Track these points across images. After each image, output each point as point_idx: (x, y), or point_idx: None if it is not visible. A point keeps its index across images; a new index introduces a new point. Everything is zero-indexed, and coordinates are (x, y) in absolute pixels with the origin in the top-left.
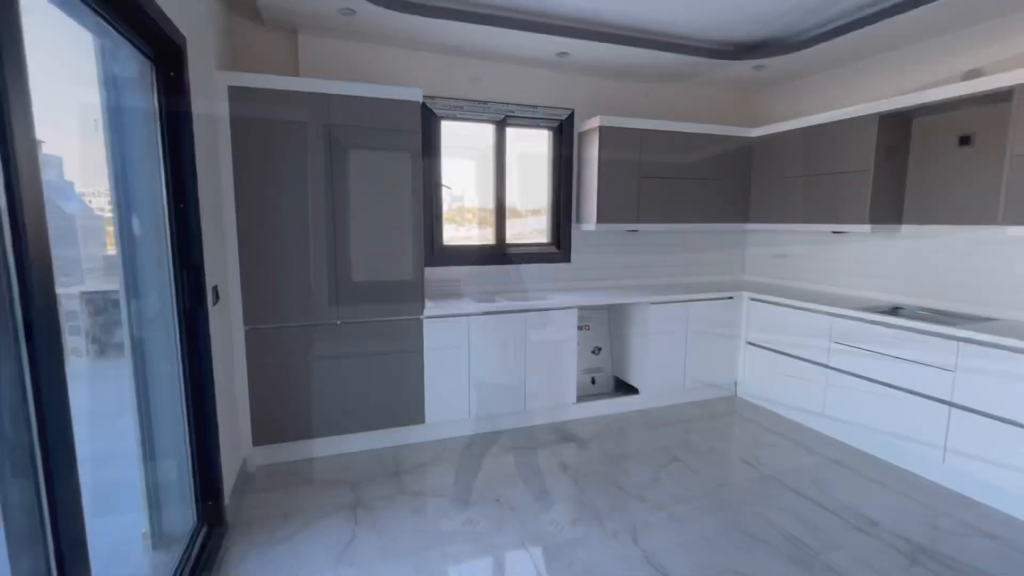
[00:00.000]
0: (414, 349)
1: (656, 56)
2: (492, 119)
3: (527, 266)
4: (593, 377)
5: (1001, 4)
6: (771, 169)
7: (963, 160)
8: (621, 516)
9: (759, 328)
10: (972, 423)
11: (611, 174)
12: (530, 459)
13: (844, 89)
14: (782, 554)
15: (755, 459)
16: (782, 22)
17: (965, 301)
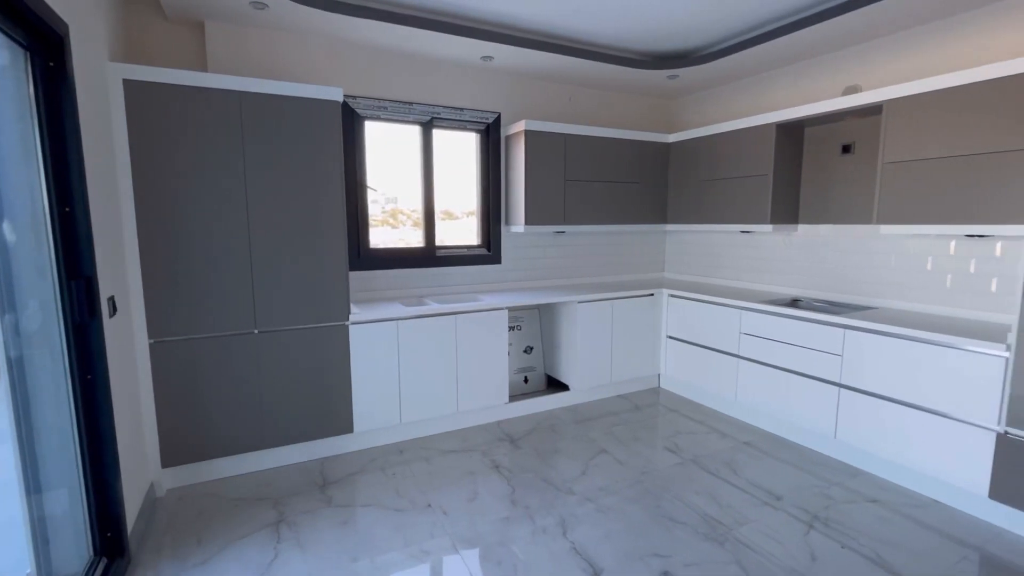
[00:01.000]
0: (340, 356)
1: (577, 63)
2: (418, 121)
3: (458, 268)
4: (526, 376)
5: (874, 29)
6: (686, 173)
7: (846, 166)
8: (551, 511)
9: (678, 323)
10: (857, 401)
11: (537, 177)
12: (463, 461)
13: (747, 99)
14: (699, 533)
15: (676, 446)
16: (690, 36)
17: (852, 292)
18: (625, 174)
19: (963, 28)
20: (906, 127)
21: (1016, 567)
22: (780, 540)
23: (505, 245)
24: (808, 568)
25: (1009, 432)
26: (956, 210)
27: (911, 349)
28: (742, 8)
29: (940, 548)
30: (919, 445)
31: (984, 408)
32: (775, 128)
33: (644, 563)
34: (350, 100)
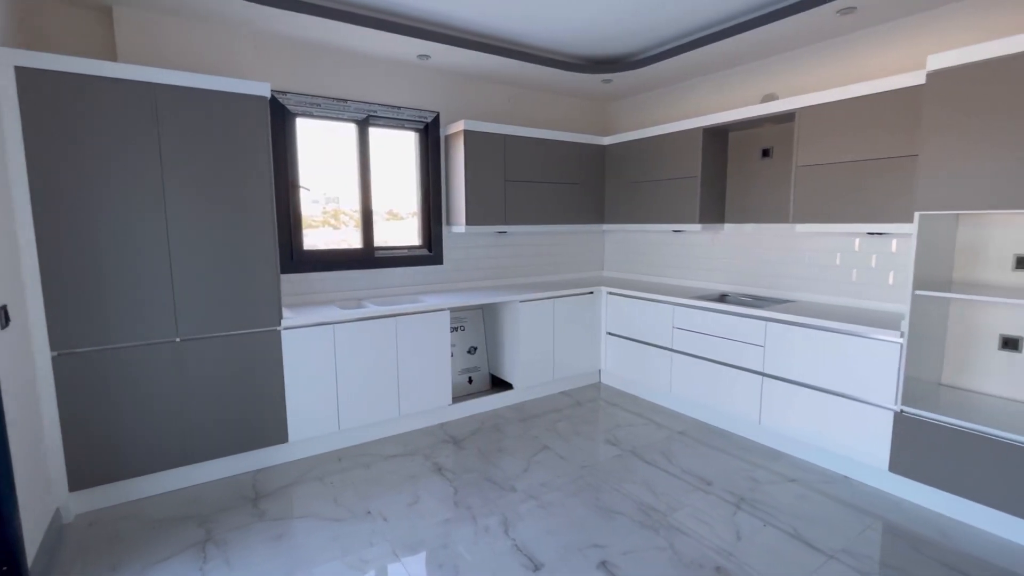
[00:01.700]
0: (272, 363)
1: (515, 65)
2: (353, 118)
3: (398, 269)
4: (470, 376)
5: (788, 42)
6: (621, 174)
7: (765, 169)
8: (493, 510)
9: (616, 319)
10: (778, 389)
11: (477, 177)
12: (404, 466)
13: (678, 105)
14: (635, 522)
15: (615, 439)
16: (622, 42)
17: (774, 287)
18: (564, 175)
19: (863, 44)
20: (815, 133)
21: (912, 532)
22: (710, 522)
23: (447, 245)
24: (734, 546)
25: (904, 410)
26: (858, 210)
27: (822, 338)
28: (668, 18)
29: (848, 519)
30: (831, 426)
31: (883, 389)
32: (702, 132)
33: (583, 555)
34: (279, 96)
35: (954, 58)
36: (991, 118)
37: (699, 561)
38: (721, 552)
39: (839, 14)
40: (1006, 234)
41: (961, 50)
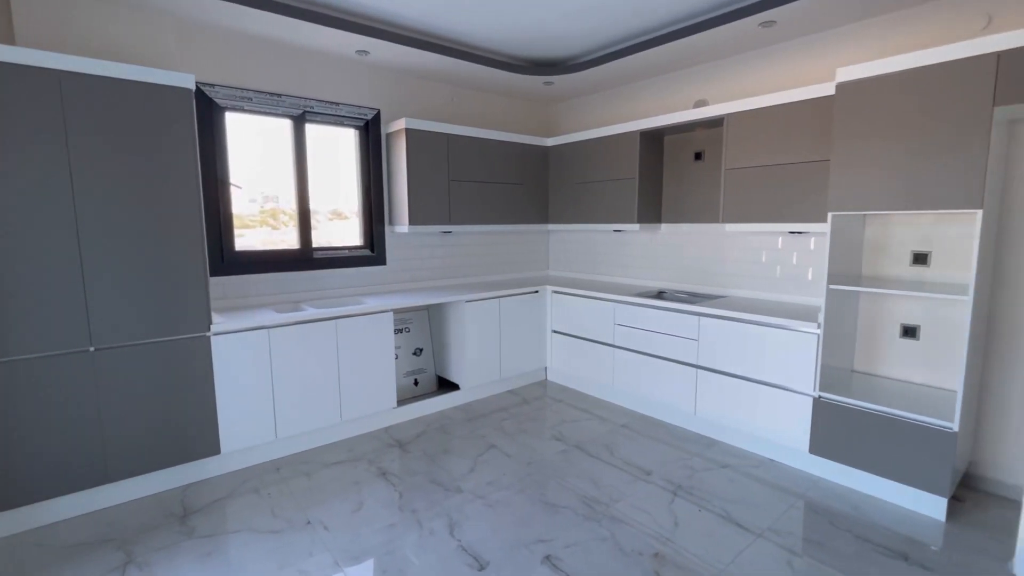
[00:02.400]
0: (201, 371)
1: (457, 64)
2: (288, 114)
3: (339, 270)
4: (416, 379)
5: (718, 51)
6: (564, 175)
7: (698, 171)
8: (439, 512)
9: (561, 318)
10: (711, 380)
11: (420, 176)
12: (347, 472)
13: (617, 108)
14: (579, 515)
15: (561, 435)
16: (563, 46)
17: (707, 284)
18: (508, 175)
19: (784, 55)
20: (742, 138)
21: (829, 508)
22: (649, 511)
23: (390, 245)
24: (672, 533)
25: (822, 396)
26: (780, 210)
27: (749, 331)
28: (606, 24)
29: (774, 499)
30: (758, 413)
31: (803, 377)
32: (639, 136)
33: (528, 550)
34: (206, 88)
35: (859, 72)
36: (890, 127)
37: (639, 549)
38: (660, 538)
39: (761, 27)
40: (905, 232)
41: (864, 64)
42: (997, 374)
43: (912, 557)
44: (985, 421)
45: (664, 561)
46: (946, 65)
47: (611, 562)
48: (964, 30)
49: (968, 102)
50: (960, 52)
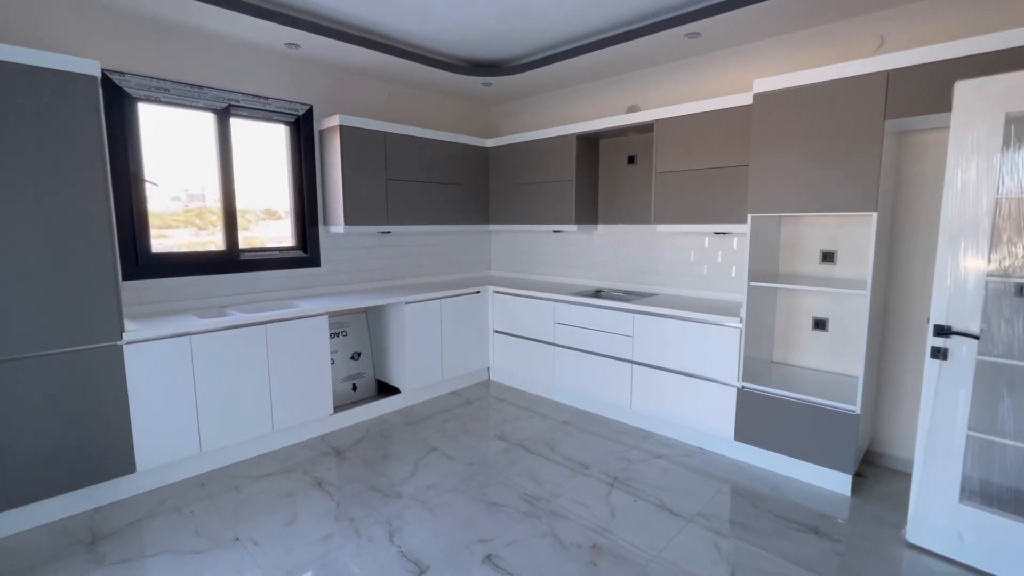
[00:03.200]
0: (112, 383)
1: (394, 62)
2: (211, 107)
3: (269, 273)
4: (354, 384)
5: (649, 58)
6: (504, 176)
7: (631, 174)
8: (378, 519)
9: (503, 318)
10: (645, 374)
11: (356, 175)
12: (280, 484)
13: (555, 111)
14: (520, 512)
15: (503, 434)
16: (501, 47)
17: (642, 282)
18: (448, 175)
19: (710, 65)
20: (671, 143)
21: (752, 491)
22: (587, 504)
23: (325, 246)
24: (609, 524)
25: (745, 386)
26: (706, 212)
27: (679, 327)
28: (540, 28)
29: (703, 486)
30: (689, 405)
31: (728, 369)
32: (575, 139)
33: (469, 551)
34: (115, 77)
35: (772, 84)
36: (800, 136)
37: (578, 542)
38: (598, 530)
39: (687, 37)
40: (815, 232)
41: (777, 77)
42: (892, 361)
43: (822, 530)
44: (883, 403)
45: (601, 552)
46: (845, 80)
47: (551, 557)
48: (861, 49)
49: (863, 114)
50: (856, 69)
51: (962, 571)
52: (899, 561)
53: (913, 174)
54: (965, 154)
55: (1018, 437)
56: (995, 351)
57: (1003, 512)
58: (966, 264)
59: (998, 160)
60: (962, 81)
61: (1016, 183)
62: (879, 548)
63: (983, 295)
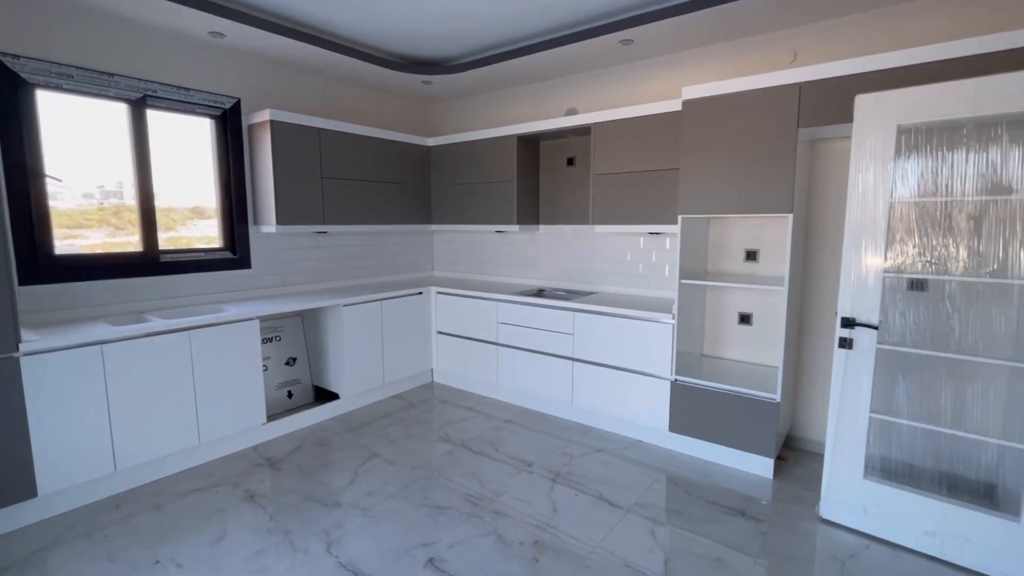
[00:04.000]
0: (8, 399)
1: (329, 56)
2: (124, 97)
3: (194, 276)
4: (290, 391)
5: (586, 63)
6: (446, 176)
7: (571, 176)
8: (314, 529)
9: (446, 318)
10: (585, 371)
11: (288, 173)
12: (207, 500)
13: (497, 111)
14: (463, 513)
15: (447, 435)
16: (440, 46)
17: (582, 281)
18: (388, 174)
19: (644, 71)
20: (607, 146)
21: (685, 478)
22: (530, 501)
23: (255, 247)
24: (551, 519)
25: (678, 379)
26: (641, 213)
27: (617, 324)
28: (474, 29)
29: (640, 476)
30: (627, 399)
31: (662, 363)
32: (516, 140)
33: (411, 556)
34: (7, 60)
35: (699, 91)
36: (724, 141)
37: (520, 539)
38: (540, 526)
39: (621, 44)
40: (740, 233)
41: (703, 85)
42: (809, 352)
43: (747, 512)
44: (801, 391)
45: (543, 547)
46: (763, 91)
47: (493, 555)
48: (779, 62)
49: (779, 123)
50: (772, 81)
51: (867, 540)
52: (813, 535)
53: (824, 179)
54: (864, 161)
55: (911, 417)
56: (891, 340)
57: (899, 485)
58: (867, 262)
59: (892, 167)
60: (862, 95)
61: (906, 189)
62: (796, 525)
63: (881, 290)
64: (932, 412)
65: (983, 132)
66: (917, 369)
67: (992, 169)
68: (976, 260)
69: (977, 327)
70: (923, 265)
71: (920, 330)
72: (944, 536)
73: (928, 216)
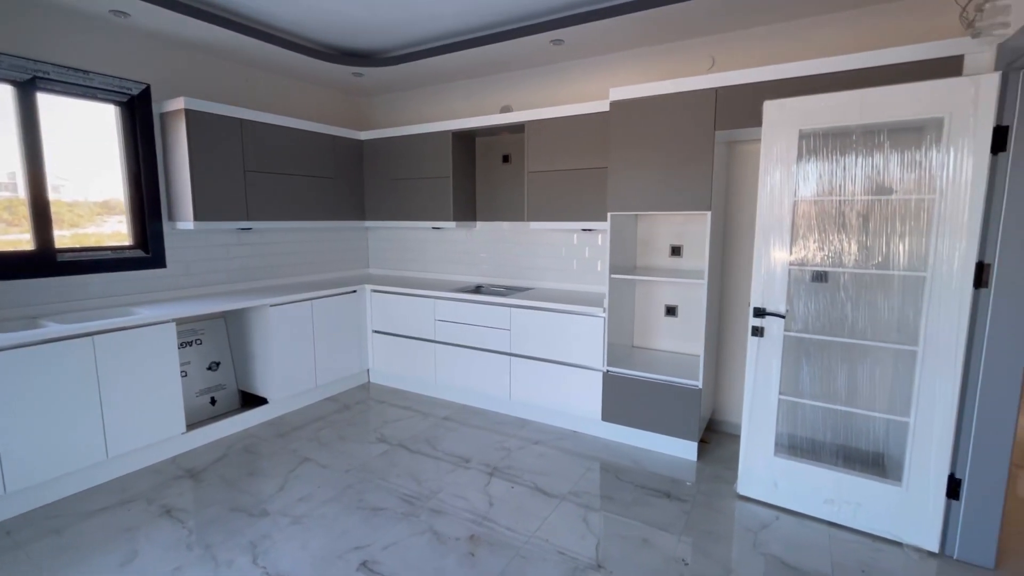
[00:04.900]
0: None
1: (252, 43)
2: (9, 78)
3: (100, 276)
4: (213, 397)
5: (520, 61)
6: (380, 171)
7: (506, 173)
8: (239, 541)
9: (381, 317)
10: (522, 365)
11: (206, 166)
12: (116, 519)
13: (432, 106)
14: (398, 514)
15: (383, 436)
16: (371, 37)
17: (519, 277)
18: (318, 169)
19: (576, 72)
20: (541, 144)
21: (617, 465)
22: (466, 496)
23: (171, 245)
24: (487, 512)
25: (609, 370)
26: (574, 210)
27: (551, 318)
28: (406, 20)
29: (575, 465)
30: (562, 391)
31: (595, 355)
32: (451, 136)
33: (343, 561)
34: None
35: (625, 93)
36: (648, 141)
37: (456, 535)
38: (476, 520)
39: (552, 43)
40: (665, 229)
41: (629, 87)
42: (728, 340)
43: (673, 494)
44: (722, 377)
45: (479, 541)
46: (684, 94)
47: (429, 554)
48: (700, 67)
49: (698, 125)
50: (691, 85)
51: (777, 512)
52: (732, 511)
53: (741, 179)
54: (772, 163)
55: (813, 397)
56: (796, 328)
57: (803, 459)
58: (775, 255)
59: (795, 169)
60: (769, 101)
61: (808, 188)
62: (717, 502)
63: (787, 281)
64: (831, 392)
65: (869, 139)
66: (818, 353)
67: (876, 172)
68: (865, 253)
69: (867, 314)
70: (822, 258)
71: (820, 318)
72: (841, 503)
73: (826, 214)
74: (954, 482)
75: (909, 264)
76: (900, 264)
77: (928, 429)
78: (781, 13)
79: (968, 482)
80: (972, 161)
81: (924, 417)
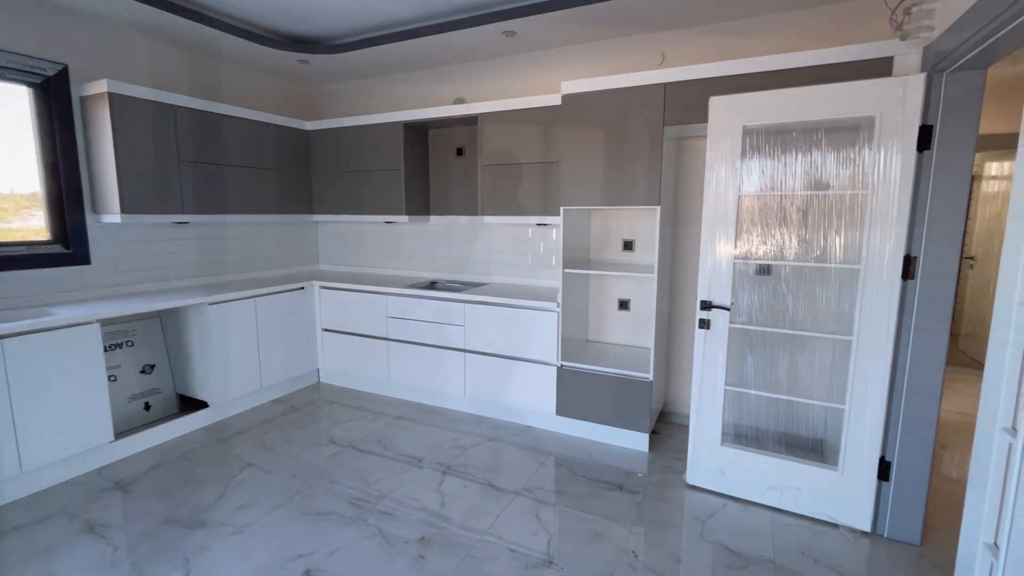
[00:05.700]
0: None
1: (175, 21)
2: None
3: (14, 274)
4: (147, 402)
5: (473, 52)
6: (329, 163)
7: (460, 166)
8: (171, 556)
9: (331, 314)
10: (477, 361)
11: (135, 155)
12: (33, 538)
13: (383, 97)
14: (345, 518)
15: (332, 438)
16: (319, 23)
17: (474, 272)
18: (262, 160)
19: (529, 64)
20: (494, 137)
21: (571, 459)
22: (418, 497)
23: (97, 240)
24: (439, 512)
25: (563, 365)
26: (528, 204)
27: (506, 313)
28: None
29: (530, 461)
30: (517, 386)
31: (549, 350)
32: (403, 127)
33: (285, 570)
34: None
35: (576, 87)
36: (599, 136)
37: (405, 537)
38: (427, 522)
39: (504, 35)
40: (618, 224)
41: (580, 81)
42: (678, 333)
43: (626, 486)
44: (672, 369)
45: (429, 543)
46: (633, 89)
47: (376, 558)
48: (651, 63)
49: (648, 120)
50: (641, 80)
51: (724, 500)
52: (681, 501)
53: (690, 174)
54: (717, 158)
55: (757, 387)
56: (741, 319)
57: (748, 447)
58: (720, 249)
59: (739, 165)
60: (715, 97)
61: (751, 184)
62: (667, 493)
63: (732, 274)
64: (773, 381)
65: (808, 136)
66: (762, 345)
67: (815, 168)
68: (804, 247)
69: (806, 306)
70: (765, 252)
71: (764, 310)
72: (783, 489)
73: (768, 209)
74: (884, 464)
75: (845, 257)
76: (836, 257)
77: (862, 415)
78: (730, 12)
79: (897, 464)
80: (900, 159)
81: (858, 403)
